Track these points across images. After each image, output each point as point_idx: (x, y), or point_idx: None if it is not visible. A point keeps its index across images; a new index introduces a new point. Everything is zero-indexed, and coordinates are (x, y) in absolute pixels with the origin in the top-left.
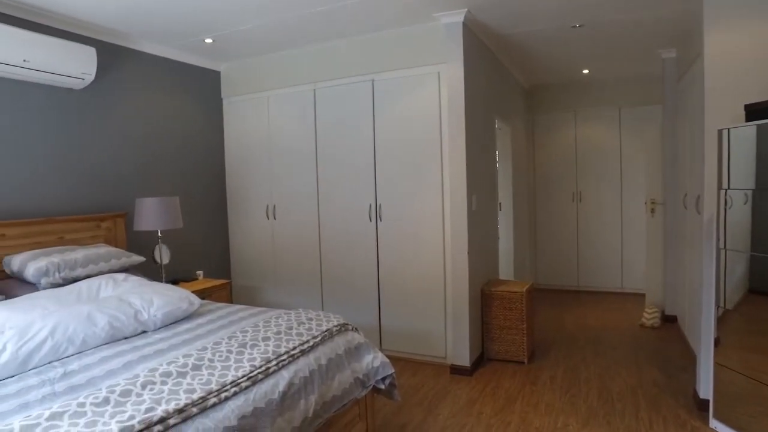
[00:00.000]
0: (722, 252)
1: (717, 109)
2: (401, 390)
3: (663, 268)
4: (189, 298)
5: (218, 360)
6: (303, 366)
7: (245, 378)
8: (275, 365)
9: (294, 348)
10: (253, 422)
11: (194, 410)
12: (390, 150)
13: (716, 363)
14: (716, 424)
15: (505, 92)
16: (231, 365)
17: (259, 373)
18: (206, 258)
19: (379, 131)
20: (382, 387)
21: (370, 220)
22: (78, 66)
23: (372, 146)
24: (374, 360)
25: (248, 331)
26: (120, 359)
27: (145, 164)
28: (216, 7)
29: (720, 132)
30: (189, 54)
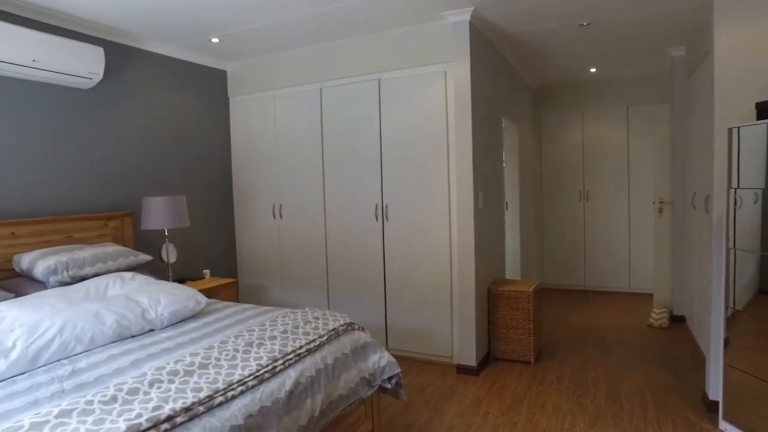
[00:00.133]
0: (732, 252)
1: (727, 108)
2: (407, 389)
3: (671, 268)
4: (196, 297)
5: (225, 359)
6: (309, 365)
7: (252, 377)
8: (282, 364)
9: (300, 347)
10: (260, 421)
11: (201, 409)
12: (396, 149)
13: (726, 364)
14: (726, 426)
15: (512, 91)
16: (238, 364)
17: (266, 372)
18: (213, 257)
19: (386, 130)
20: (389, 386)
21: (377, 219)
22: (86, 66)
23: (378, 145)
24: (380, 359)
25: (255, 330)
26: (127, 357)
27: (152, 163)
28: (222, 7)
29: (730, 130)
30: (195, 53)
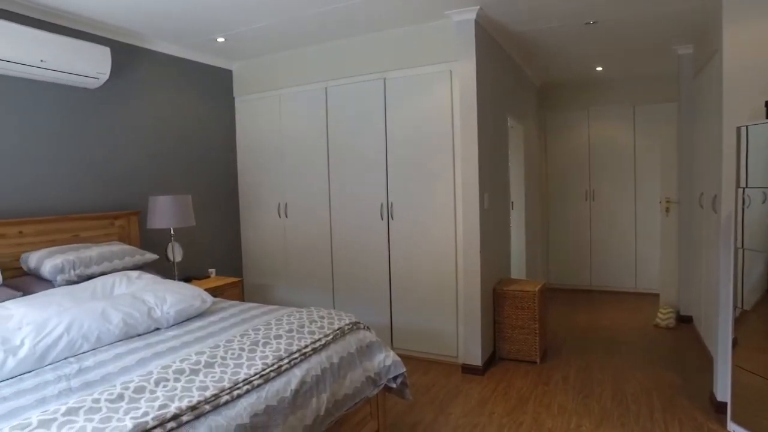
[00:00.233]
0: (740, 251)
1: (735, 106)
2: (412, 389)
3: (678, 268)
4: (201, 296)
5: (231, 358)
6: (315, 364)
7: (258, 376)
8: (287, 363)
9: (306, 346)
10: (266, 420)
11: (207, 407)
12: (402, 148)
13: (734, 365)
14: (734, 428)
15: (517, 90)
16: (243, 363)
17: (272, 371)
18: (218, 256)
19: (391, 129)
20: (394, 386)
21: (382, 219)
22: (93, 66)
23: (384, 144)
24: (386, 359)
25: (260, 329)
26: (134, 356)
27: (158, 163)
28: (228, 7)
29: (738, 129)
30: (201, 53)
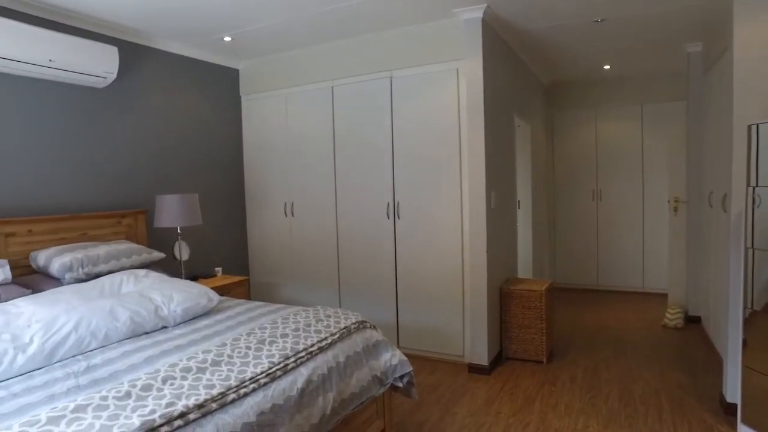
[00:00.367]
0: (750, 251)
1: (746, 104)
2: (419, 388)
3: (686, 268)
4: (208, 295)
5: (237, 356)
6: (321, 363)
7: (264, 374)
8: (294, 362)
9: (312, 345)
10: (272, 418)
11: (214, 405)
12: (408, 147)
13: (744, 366)
14: (744, 429)
15: (525, 89)
16: (250, 361)
17: (278, 370)
18: (225, 255)
19: (398, 128)
20: (400, 385)
21: (388, 218)
22: (101, 65)
23: (390, 143)
24: (392, 358)
25: (267, 328)
26: (141, 354)
27: (165, 162)
28: (234, 5)
29: (749, 127)
30: (208, 52)
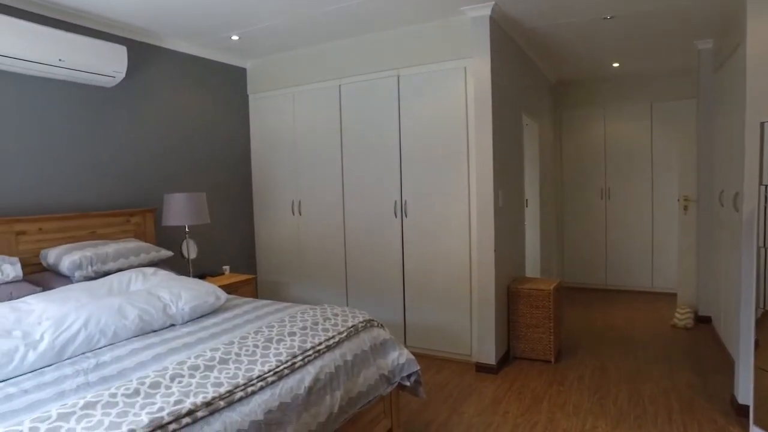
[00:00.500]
0: (762, 250)
1: (759, 101)
2: (426, 387)
3: (696, 267)
4: (216, 293)
5: (245, 354)
6: (329, 361)
7: (271, 373)
8: (301, 360)
9: (320, 343)
10: (279, 417)
11: (221, 404)
12: (416, 145)
13: (756, 366)
14: (757, 431)
15: (532, 87)
16: (257, 360)
17: (285, 368)
18: (232, 253)
19: (405, 127)
20: (408, 384)
21: (396, 216)
22: (109, 64)
23: (397, 142)
24: (400, 357)
25: (274, 326)
26: (149, 352)
27: (173, 160)
28: (243, 4)
29: (762, 125)
30: (216, 51)
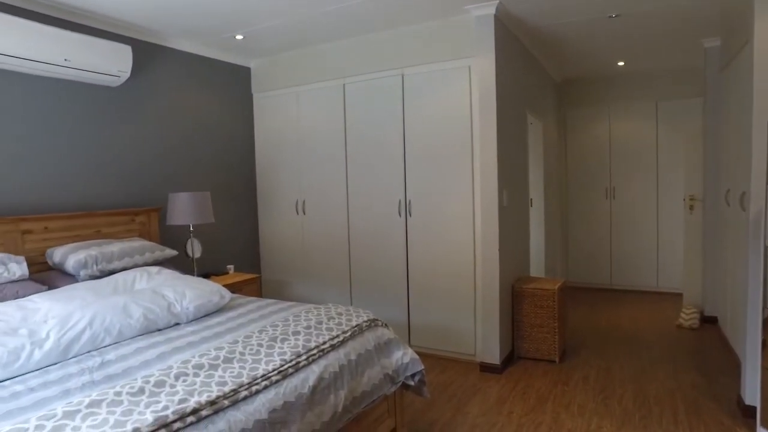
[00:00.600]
0: None
1: (766, 100)
2: (430, 387)
3: (702, 267)
4: (220, 292)
5: (249, 353)
6: (333, 361)
7: (276, 372)
8: (305, 360)
9: (324, 343)
10: (284, 416)
11: (226, 402)
12: (420, 145)
13: (763, 367)
14: None
15: (537, 86)
16: (261, 359)
17: (290, 367)
18: (237, 252)
19: (409, 126)
20: (412, 383)
21: (400, 216)
22: (114, 64)
23: (402, 141)
24: (404, 356)
25: (278, 326)
26: (154, 350)
27: (178, 160)
28: (247, 4)
29: None
30: (220, 51)
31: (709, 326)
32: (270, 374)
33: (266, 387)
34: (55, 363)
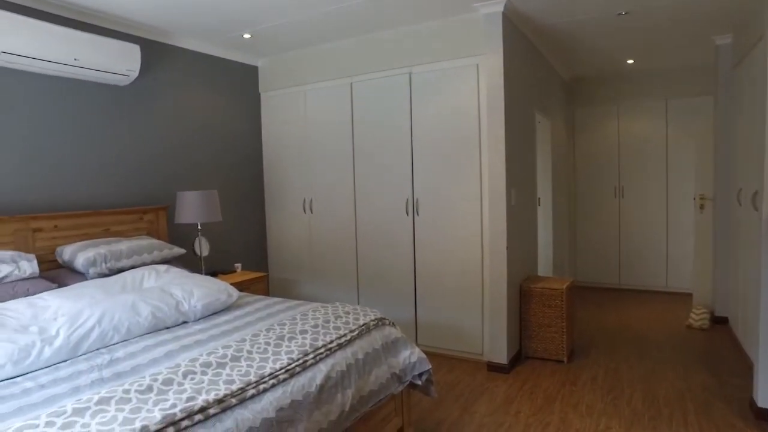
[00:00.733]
0: None
1: None
2: (437, 386)
3: (713, 267)
4: (228, 290)
5: (256, 352)
6: (340, 360)
7: (283, 370)
8: (312, 358)
9: (331, 341)
10: (291, 414)
11: (233, 401)
12: (427, 143)
13: None
14: None
15: (545, 84)
16: (269, 357)
17: (297, 366)
18: (244, 251)
19: (417, 124)
20: (419, 383)
21: (407, 215)
22: (123, 63)
23: (409, 139)
24: (411, 355)
25: (286, 324)
26: (162, 348)
27: (186, 158)
28: (255, 2)
29: None
30: (228, 49)
31: (720, 327)
32: (277, 373)
33: (274, 385)
34: (65, 360)
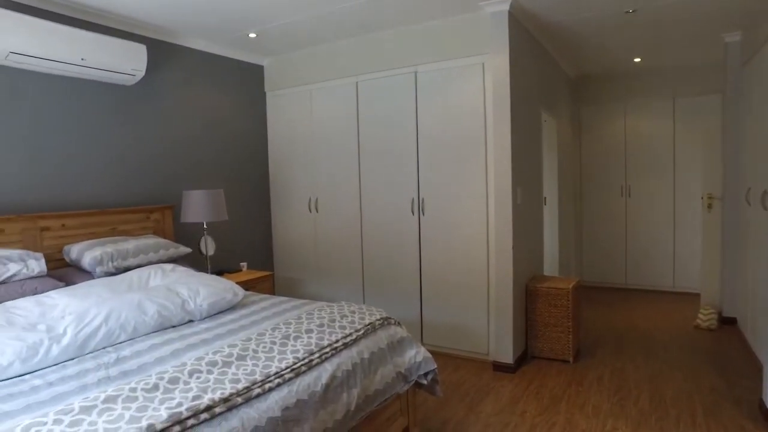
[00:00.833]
0: None
1: None
2: (443, 386)
3: (721, 267)
4: (233, 289)
5: (262, 351)
6: (346, 359)
7: (289, 369)
8: (318, 357)
9: (337, 341)
10: (297, 413)
11: (239, 400)
12: (433, 143)
13: None
14: None
15: (551, 83)
16: (275, 356)
17: (303, 365)
18: (250, 250)
19: (422, 124)
20: (424, 382)
21: (413, 214)
22: (129, 63)
23: (415, 139)
24: (417, 355)
25: (291, 323)
26: (168, 347)
27: (192, 158)
28: (260, 2)
29: None
30: (233, 49)
31: (728, 327)
32: (283, 372)
33: (279, 385)
34: (72, 358)
